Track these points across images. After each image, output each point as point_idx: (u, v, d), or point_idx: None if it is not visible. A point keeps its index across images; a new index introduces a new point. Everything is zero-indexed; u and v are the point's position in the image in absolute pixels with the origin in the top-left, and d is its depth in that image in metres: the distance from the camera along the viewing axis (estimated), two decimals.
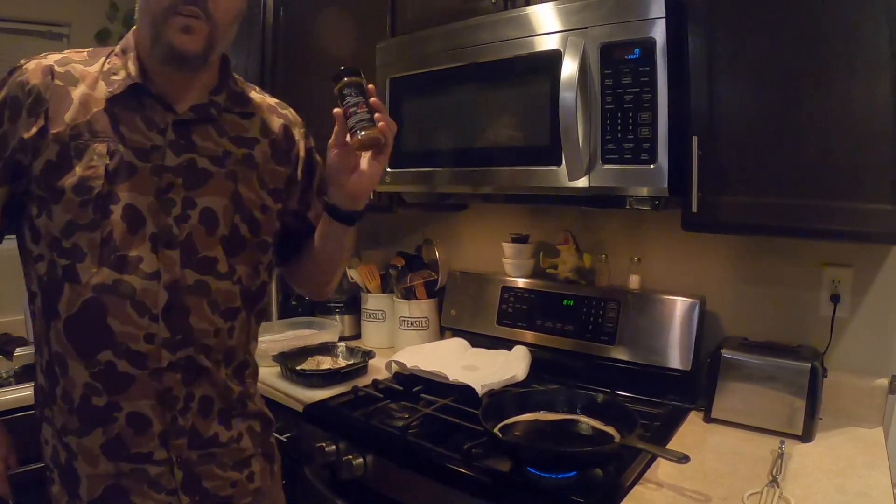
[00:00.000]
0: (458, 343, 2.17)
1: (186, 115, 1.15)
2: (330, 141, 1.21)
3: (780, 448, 1.42)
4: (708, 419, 1.61)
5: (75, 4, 2.92)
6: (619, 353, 1.85)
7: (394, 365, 1.94)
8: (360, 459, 1.60)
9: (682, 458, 1.22)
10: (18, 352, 2.26)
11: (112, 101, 1.10)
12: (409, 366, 1.88)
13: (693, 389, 1.74)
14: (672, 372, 1.76)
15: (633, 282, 1.96)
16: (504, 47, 1.71)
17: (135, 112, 1.11)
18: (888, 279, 1.64)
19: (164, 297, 1.08)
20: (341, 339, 2.38)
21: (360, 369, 2.04)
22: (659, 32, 1.45)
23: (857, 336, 1.67)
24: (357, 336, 2.51)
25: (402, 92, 1.98)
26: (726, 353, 1.60)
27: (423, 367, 1.85)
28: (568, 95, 1.51)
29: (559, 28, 1.60)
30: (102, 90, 1.11)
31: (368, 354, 2.12)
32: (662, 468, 1.37)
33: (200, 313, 1.12)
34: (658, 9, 1.45)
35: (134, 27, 1.17)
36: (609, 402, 1.53)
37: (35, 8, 2.82)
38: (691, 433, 1.57)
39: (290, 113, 1.35)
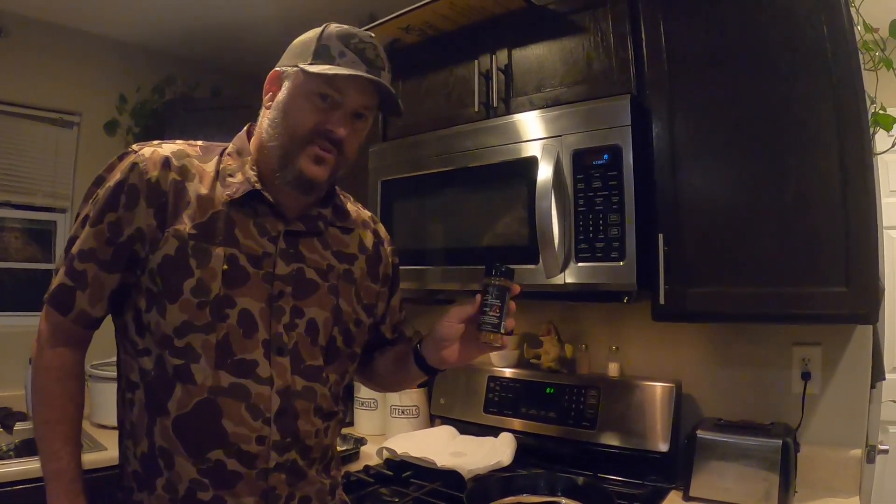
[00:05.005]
0: (446, 430, 2.22)
1: (297, 227, 1.18)
2: (455, 309, 1.24)
3: None
4: (687, 498, 1.65)
5: (86, 94, 3.03)
6: (601, 438, 1.91)
7: (385, 451, 1.99)
8: None
9: None
10: (18, 426, 2.27)
11: (229, 205, 1.13)
12: (399, 452, 1.94)
13: (672, 470, 1.79)
14: (652, 454, 1.82)
15: (613, 369, 2.05)
16: (486, 154, 1.87)
17: (248, 217, 1.14)
18: (856, 354, 1.71)
19: (276, 401, 1.10)
20: None
21: (352, 455, 2.09)
22: (625, 138, 1.61)
23: (828, 410, 1.73)
24: (350, 423, 2.55)
25: (393, 193, 2.13)
26: (701, 434, 1.66)
27: (413, 454, 1.91)
28: (543, 200, 1.66)
29: (536, 135, 1.76)
30: (220, 192, 1.13)
31: (360, 441, 2.17)
32: None
33: (307, 417, 1.15)
34: (624, 117, 1.62)
35: (246, 127, 1.23)
36: (588, 485, 1.61)
37: (47, 96, 2.91)
38: None
39: (380, 228, 1.39)
